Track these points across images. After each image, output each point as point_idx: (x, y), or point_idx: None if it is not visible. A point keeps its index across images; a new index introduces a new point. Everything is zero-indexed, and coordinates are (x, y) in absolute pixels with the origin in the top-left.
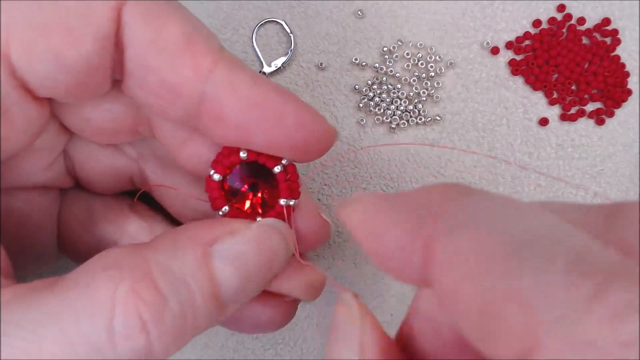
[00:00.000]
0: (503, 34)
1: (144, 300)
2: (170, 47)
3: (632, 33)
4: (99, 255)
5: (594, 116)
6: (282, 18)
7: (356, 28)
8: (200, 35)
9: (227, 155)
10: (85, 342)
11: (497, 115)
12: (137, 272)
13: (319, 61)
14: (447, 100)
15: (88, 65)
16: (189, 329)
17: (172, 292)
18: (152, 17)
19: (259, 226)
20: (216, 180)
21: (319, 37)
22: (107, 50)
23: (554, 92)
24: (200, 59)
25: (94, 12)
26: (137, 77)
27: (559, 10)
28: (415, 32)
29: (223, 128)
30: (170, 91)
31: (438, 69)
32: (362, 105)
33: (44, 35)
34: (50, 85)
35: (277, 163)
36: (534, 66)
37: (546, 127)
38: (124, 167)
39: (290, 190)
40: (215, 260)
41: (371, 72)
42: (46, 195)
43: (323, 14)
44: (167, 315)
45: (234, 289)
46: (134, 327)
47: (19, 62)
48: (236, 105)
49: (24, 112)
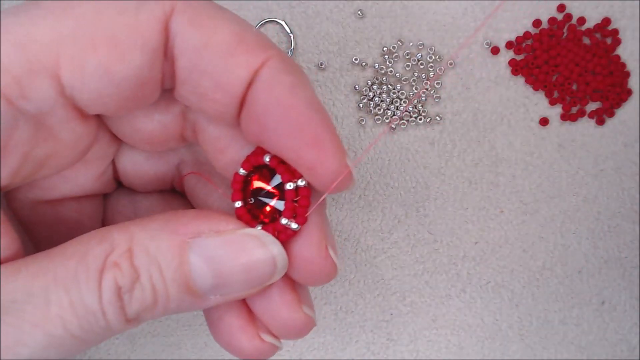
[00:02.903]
0: (503, 34)
1: (121, 270)
2: (222, 49)
3: (632, 33)
4: (96, 230)
5: (594, 116)
6: (282, 18)
7: (356, 28)
8: (250, 35)
9: (256, 155)
10: (84, 305)
11: (498, 115)
12: (123, 247)
13: (319, 61)
14: (448, 100)
15: (137, 79)
16: (159, 305)
17: (144, 269)
18: (201, 23)
19: (243, 234)
20: (240, 174)
21: (319, 37)
22: (156, 62)
23: (554, 92)
24: (251, 57)
25: (141, 24)
26: (190, 83)
27: (559, 10)
28: (415, 32)
29: (250, 122)
30: (226, 93)
31: (438, 69)
32: (362, 105)
33: (92, 50)
34: (99, 102)
35: (292, 180)
36: (534, 66)
37: (547, 127)
38: (166, 172)
39: (292, 212)
40: (192, 254)
41: (371, 72)
42: (93, 201)
43: (323, 14)
44: (138, 288)
45: (208, 284)
46: (113, 293)
47: (69, 81)
48: (265, 103)
49: (71, 130)
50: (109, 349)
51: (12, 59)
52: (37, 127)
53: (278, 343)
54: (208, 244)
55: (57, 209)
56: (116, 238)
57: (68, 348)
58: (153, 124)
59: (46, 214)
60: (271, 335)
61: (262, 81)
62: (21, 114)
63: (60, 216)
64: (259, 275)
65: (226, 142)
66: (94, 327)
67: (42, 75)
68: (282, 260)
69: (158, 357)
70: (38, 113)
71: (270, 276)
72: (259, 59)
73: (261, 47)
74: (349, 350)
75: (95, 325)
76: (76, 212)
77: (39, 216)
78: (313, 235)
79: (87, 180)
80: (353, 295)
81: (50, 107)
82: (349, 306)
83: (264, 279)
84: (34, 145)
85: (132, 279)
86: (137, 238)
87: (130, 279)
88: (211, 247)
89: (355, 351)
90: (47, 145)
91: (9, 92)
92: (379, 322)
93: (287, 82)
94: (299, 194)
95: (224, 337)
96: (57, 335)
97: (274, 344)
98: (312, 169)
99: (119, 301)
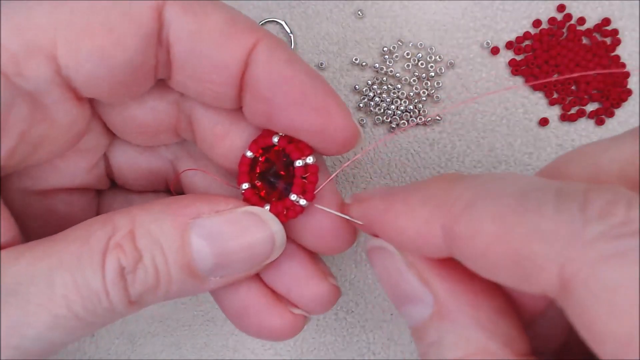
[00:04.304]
0: (503, 34)
1: (124, 252)
2: (215, 32)
3: (632, 33)
4: (99, 216)
5: (594, 116)
6: (282, 18)
7: (356, 28)
8: (241, 19)
9: (263, 137)
10: (87, 286)
11: (497, 116)
12: (125, 229)
13: (319, 61)
14: (447, 101)
15: (132, 64)
16: (161, 286)
17: (147, 250)
18: (194, 11)
19: (244, 212)
20: (247, 157)
21: (319, 37)
22: (150, 49)
23: (554, 92)
24: (244, 38)
25: (135, 11)
26: (187, 68)
27: (559, 10)
28: (415, 32)
29: (255, 102)
30: (221, 73)
31: (438, 69)
32: (362, 105)
33: (88, 35)
34: (95, 84)
35: (301, 157)
36: (534, 66)
37: (546, 127)
38: (160, 169)
39: (302, 188)
40: (193, 234)
41: (371, 72)
42: (86, 196)
43: (323, 14)
44: (141, 268)
45: (210, 264)
46: (116, 274)
47: (65, 61)
48: (268, 79)
49: (66, 112)
50: (109, 349)
51: (11, 40)
52: (33, 106)
53: (307, 314)
54: (208, 223)
55: (48, 201)
56: (118, 221)
57: (72, 330)
58: (145, 111)
59: (37, 205)
60: (299, 308)
61: (259, 60)
62: (18, 92)
63: (51, 208)
64: (258, 252)
65: (225, 128)
66: (97, 309)
67: (39, 54)
68: (280, 238)
69: (158, 357)
70: (35, 91)
71: (269, 254)
72: (252, 39)
73: (252, 29)
74: (349, 350)
75: (98, 306)
76: (67, 204)
77: (30, 207)
78: (330, 201)
79: (78, 171)
80: (353, 295)
81: (46, 86)
82: (349, 306)
83: (263, 257)
84: (30, 125)
85: (135, 260)
86: (139, 220)
87: (133, 259)
88: (212, 226)
89: (356, 351)
90: (43, 126)
91: (7, 70)
92: (379, 322)
93: (283, 57)
94: (308, 170)
95: (253, 323)
96: (62, 316)
97: (304, 314)
98: (321, 131)
99: (122, 281)
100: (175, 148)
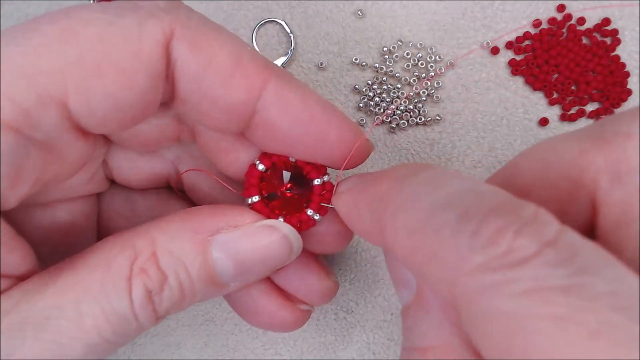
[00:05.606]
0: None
1: (149, 275)
2: (221, 71)
3: (632, 33)
4: (114, 236)
5: (594, 116)
6: (282, 18)
7: (356, 28)
8: (247, 55)
9: (279, 155)
10: (116, 313)
11: (497, 116)
12: (147, 252)
13: (319, 61)
14: (447, 100)
15: (141, 102)
16: (186, 300)
17: (170, 270)
18: (200, 47)
19: (262, 226)
20: (258, 169)
21: (319, 37)
22: (159, 86)
23: (554, 92)
24: (251, 78)
25: (144, 50)
26: (191, 103)
27: (559, 10)
28: (415, 32)
29: (271, 140)
30: (225, 112)
31: (438, 69)
32: (362, 105)
33: (99, 78)
34: (105, 125)
35: (320, 176)
36: (534, 66)
37: (546, 127)
38: (161, 169)
39: (319, 205)
40: (214, 250)
41: (371, 72)
42: (87, 201)
43: (323, 14)
44: (167, 288)
45: (231, 275)
46: (144, 297)
47: (77, 109)
48: (285, 121)
49: (77, 150)
50: None
51: (20, 91)
52: (46, 151)
53: (311, 308)
54: (228, 239)
55: (51, 212)
56: (138, 244)
57: (103, 351)
58: (149, 127)
59: (40, 218)
60: (305, 304)
61: (271, 104)
62: (32, 143)
63: (54, 219)
64: (277, 261)
65: (229, 144)
66: (126, 330)
67: (51, 105)
68: (297, 245)
69: (158, 357)
70: (47, 139)
71: (286, 260)
72: (259, 80)
73: (260, 68)
74: (349, 350)
75: (128, 328)
76: (70, 213)
77: (33, 220)
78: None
79: (79, 183)
80: (353, 295)
81: (57, 132)
82: (349, 306)
83: (281, 263)
84: (43, 171)
85: (160, 282)
86: (159, 242)
87: (159, 282)
88: (231, 241)
89: (356, 351)
90: (55, 167)
91: (19, 124)
92: (379, 322)
93: (295, 98)
94: (325, 187)
95: (264, 318)
96: (94, 344)
97: (309, 309)
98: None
99: (150, 304)
100: (176, 149)
